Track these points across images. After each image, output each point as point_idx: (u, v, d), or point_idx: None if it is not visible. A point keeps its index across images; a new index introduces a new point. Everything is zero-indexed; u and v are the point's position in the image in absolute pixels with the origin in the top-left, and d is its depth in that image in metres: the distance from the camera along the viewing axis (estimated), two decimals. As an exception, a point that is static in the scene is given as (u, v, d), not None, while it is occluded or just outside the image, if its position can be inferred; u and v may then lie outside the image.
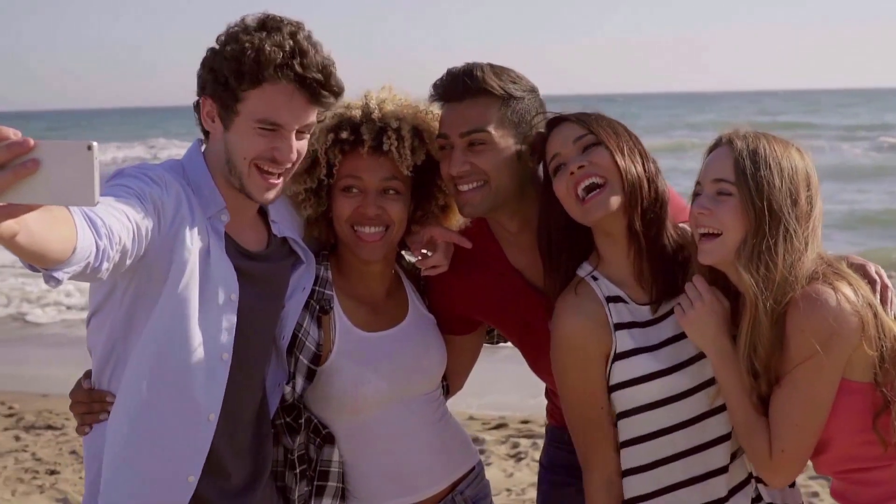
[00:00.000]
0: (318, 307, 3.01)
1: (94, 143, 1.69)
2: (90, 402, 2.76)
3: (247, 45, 2.68)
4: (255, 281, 2.83)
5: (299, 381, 2.96)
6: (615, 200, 2.73)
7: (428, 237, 3.10)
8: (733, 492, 2.83)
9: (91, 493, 2.77)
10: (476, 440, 7.64)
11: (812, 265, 2.61)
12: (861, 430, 2.63)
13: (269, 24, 2.72)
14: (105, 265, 2.22)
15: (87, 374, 2.84)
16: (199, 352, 2.69)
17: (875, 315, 2.58)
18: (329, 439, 3.01)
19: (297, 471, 2.98)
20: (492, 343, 3.44)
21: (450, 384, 3.32)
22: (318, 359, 2.99)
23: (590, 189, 2.74)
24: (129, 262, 2.42)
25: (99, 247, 2.18)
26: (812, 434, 2.63)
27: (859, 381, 2.61)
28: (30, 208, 1.71)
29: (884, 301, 2.69)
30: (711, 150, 2.73)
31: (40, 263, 1.98)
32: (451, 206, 3.14)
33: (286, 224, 3.02)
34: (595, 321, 2.79)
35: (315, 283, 3.03)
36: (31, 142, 1.66)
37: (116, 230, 2.29)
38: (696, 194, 2.72)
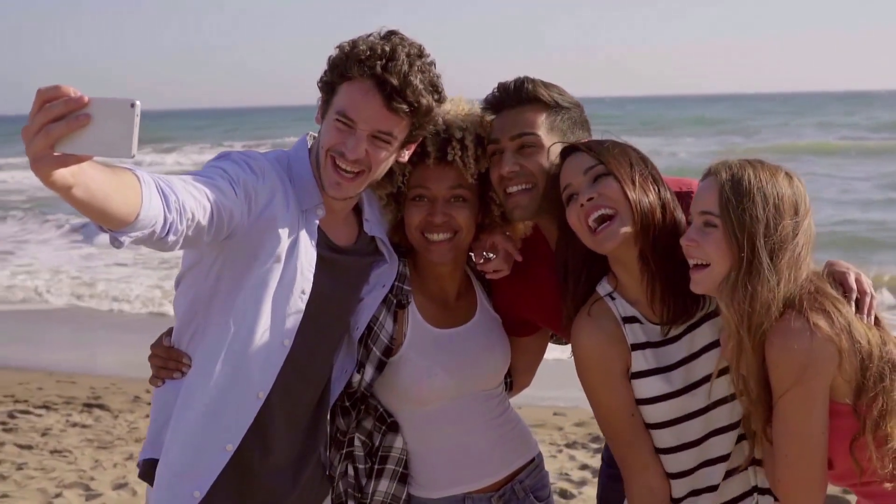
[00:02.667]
0: (395, 301, 3.20)
1: (137, 102, 1.91)
2: (166, 359, 2.99)
3: (349, 43, 2.89)
4: (336, 271, 3.02)
5: (369, 371, 3.15)
6: (626, 230, 2.81)
7: (490, 244, 3.27)
8: None
9: (152, 442, 3.01)
10: (599, 438, 7.80)
11: (792, 292, 2.64)
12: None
13: (387, 36, 2.91)
14: (171, 237, 2.42)
15: (169, 332, 3.07)
16: (264, 334, 2.89)
17: (852, 339, 2.60)
18: (394, 427, 3.21)
19: (344, 451, 3.18)
20: (559, 344, 3.58)
21: (515, 382, 3.52)
22: (389, 351, 3.18)
23: (601, 220, 2.83)
24: (206, 239, 2.63)
25: (167, 219, 2.37)
26: (806, 464, 2.65)
27: (845, 403, 2.65)
28: (79, 159, 1.94)
29: (860, 309, 2.71)
30: (702, 180, 2.78)
31: (104, 223, 2.20)
32: None
33: (377, 224, 3.21)
34: (613, 339, 2.90)
35: (395, 279, 3.23)
36: (86, 98, 1.90)
37: (189, 207, 2.47)
38: (688, 223, 2.79)
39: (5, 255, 20.19)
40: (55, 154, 1.92)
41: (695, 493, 2.95)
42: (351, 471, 3.19)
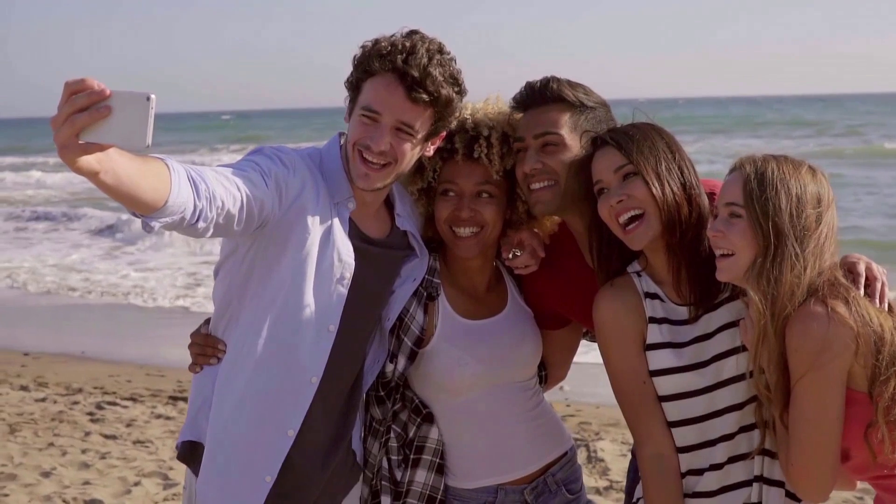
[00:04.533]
0: (425, 293, 3.29)
1: (153, 95, 2.04)
2: (204, 346, 3.14)
3: (372, 42, 3.03)
4: (369, 262, 3.13)
5: (401, 361, 3.24)
6: (655, 227, 2.96)
7: (517, 240, 3.35)
8: (724, 490, 2.99)
9: (190, 426, 3.16)
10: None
11: (812, 280, 2.71)
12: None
13: (408, 34, 3.04)
14: (201, 224, 2.56)
15: (208, 321, 3.22)
16: (309, 321, 3.01)
17: (871, 329, 2.64)
18: (429, 418, 3.29)
19: (382, 440, 3.27)
20: (593, 341, 3.61)
21: (550, 375, 3.58)
22: (420, 341, 3.27)
23: (630, 220, 2.97)
24: (237, 228, 2.75)
25: (197, 206, 2.51)
26: (818, 449, 2.69)
27: (862, 391, 2.67)
28: (102, 147, 2.08)
29: (871, 294, 2.76)
30: (727, 175, 2.88)
31: (135, 208, 2.34)
32: None
33: (409, 219, 3.31)
34: (631, 309, 3.03)
35: (425, 273, 3.32)
36: (107, 91, 2.04)
37: (219, 195, 2.60)
38: (714, 216, 2.88)
39: (115, 251, 20.89)
40: (80, 142, 2.06)
41: (697, 472, 3.01)
42: (385, 463, 3.27)
